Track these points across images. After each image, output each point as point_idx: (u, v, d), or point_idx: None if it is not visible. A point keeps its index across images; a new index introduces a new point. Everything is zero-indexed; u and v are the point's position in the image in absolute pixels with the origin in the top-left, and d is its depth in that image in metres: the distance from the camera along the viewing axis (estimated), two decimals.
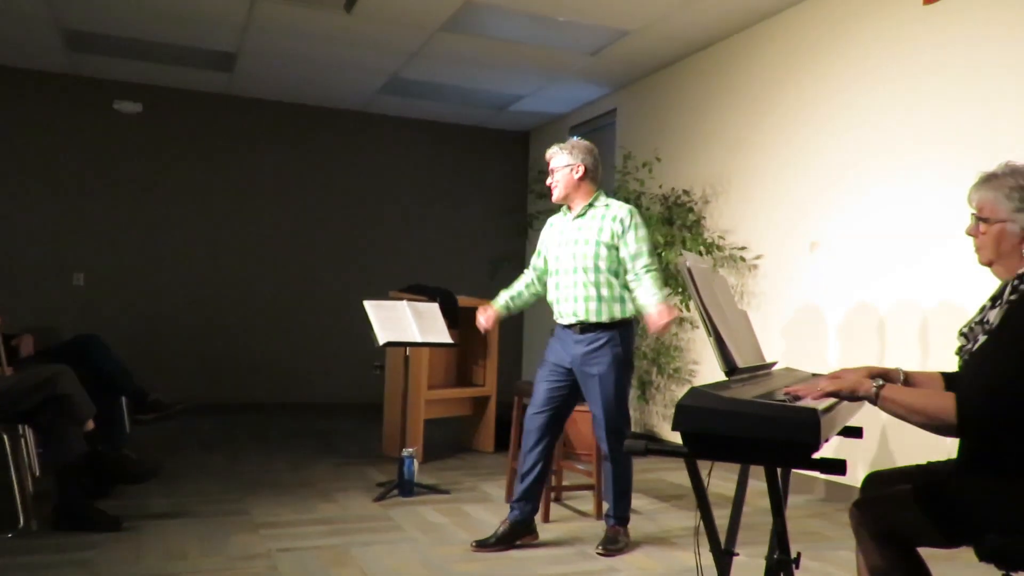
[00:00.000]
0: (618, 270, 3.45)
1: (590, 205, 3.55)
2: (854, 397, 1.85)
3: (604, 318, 3.42)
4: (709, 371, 5.69)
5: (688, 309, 5.73)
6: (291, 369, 7.80)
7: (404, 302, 4.66)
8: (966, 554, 1.81)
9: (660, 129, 6.47)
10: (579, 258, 3.45)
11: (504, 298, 3.83)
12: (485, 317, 3.77)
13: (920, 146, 4.25)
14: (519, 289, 3.83)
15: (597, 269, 3.42)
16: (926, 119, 4.23)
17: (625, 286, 3.45)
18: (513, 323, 8.61)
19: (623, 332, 3.46)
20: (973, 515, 1.73)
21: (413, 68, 6.68)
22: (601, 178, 3.64)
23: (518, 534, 3.45)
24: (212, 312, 7.58)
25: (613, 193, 6.26)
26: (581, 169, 3.50)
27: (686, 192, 5.93)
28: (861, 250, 4.60)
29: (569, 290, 3.48)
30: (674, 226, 5.69)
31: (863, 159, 4.61)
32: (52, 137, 7.14)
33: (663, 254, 5.48)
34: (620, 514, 3.53)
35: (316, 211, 7.96)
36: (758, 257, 5.36)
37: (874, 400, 1.80)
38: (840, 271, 4.73)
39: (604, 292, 3.42)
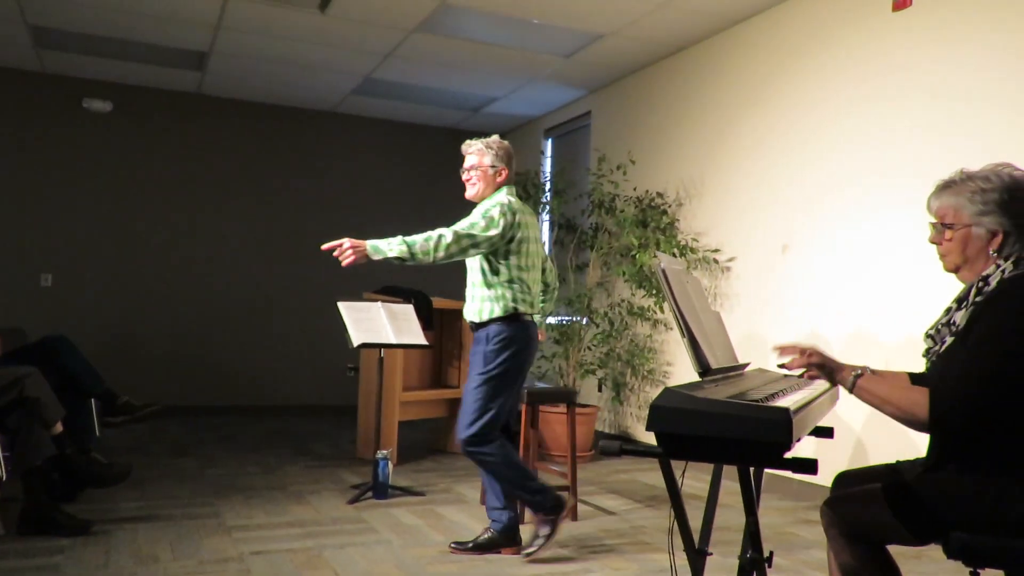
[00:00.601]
0: (485, 268, 3.31)
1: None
2: (832, 379, 1.93)
3: (475, 318, 3.36)
4: (683, 372, 5.73)
5: (663, 310, 5.77)
6: (264, 371, 7.73)
7: (379, 303, 4.65)
8: (934, 552, 1.85)
9: (634, 132, 6.51)
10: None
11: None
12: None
13: (890, 148, 4.32)
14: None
15: (470, 268, 3.38)
16: (896, 121, 4.29)
17: (500, 283, 3.28)
18: None
19: (497, 331, 3.29)
20: (940, 513, 1.76)
21: (387, 69, 6.66)
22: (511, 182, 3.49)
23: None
24: (183, 314, 7.50)
25: (588, 195, 6.29)
26: (504, 174, 3.41)
27: (660, 194, 5.97)
28: (832, 252, 4.65)
29: (468, 290, 3.43)
30: (648, 228, 5.72)
31: (833, 161, 4.67)
32: (20, 135, 7.03)
33: (637, 256, 5.52)
34: (533, 508, 3.34)
35: (288, 212, 7.91)
36: (731, 259, 5.41)
37: (850, 388, 1.86)
38: (811, 273, 4.79)
39: (477, 292, 3.34)
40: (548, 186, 6.50)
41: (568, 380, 6.10)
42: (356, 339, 4.35)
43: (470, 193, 3.43)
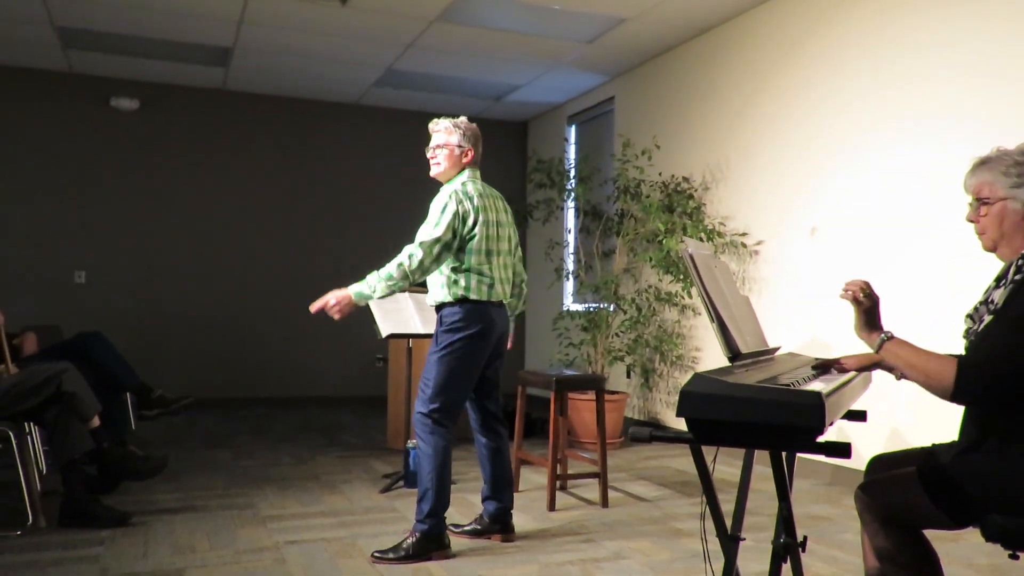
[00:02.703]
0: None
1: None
2: (864, 329, 1.99)
3: (430, 301, 3.32)
4: (712, 358, 5.70)
5: (691, 295, 5.74)
6: (294, 363, 7.81)
7: (406, 294, 4.66)
8: (972, 535, 1.82)
9: (658, 116, 6.46)
10: None
11: None
12: None
13: (920, 127, 4.25)
14: None
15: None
16: (923, 98, 4.22)
17: (456, 269, 3.22)
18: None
19: (448, 315, 3.23)
20: (977, 495, 1.73)
21: (408, 60, 6.66)
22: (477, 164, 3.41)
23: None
24: (214, 307, 7.59)
25: (613, 181, 6.26)
26: (470, 154, 3.33)
27: (686, 179, 5.92)
28: (861, 234, 4.59)
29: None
30: (674, 213, 5.69)
31: (862, 142, 4.60)
32: (50, 135, 7.13)
33: (664, 241, 5.48)
34: (417, 516, 3.18)
35: (314, 204, 7.96)
36: (759, 243, 5.36)
37: (877, 348, 1.84)
38: (840, 255, 4.73)
39: (434, 277, 3.27)
40: (572, 173, 6.48)
41: (597, 367, 6.09)
42: (384, 330, 4.37)
43: (434, 172, 3.35)
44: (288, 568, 3.01)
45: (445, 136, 3.34)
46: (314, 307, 3.25)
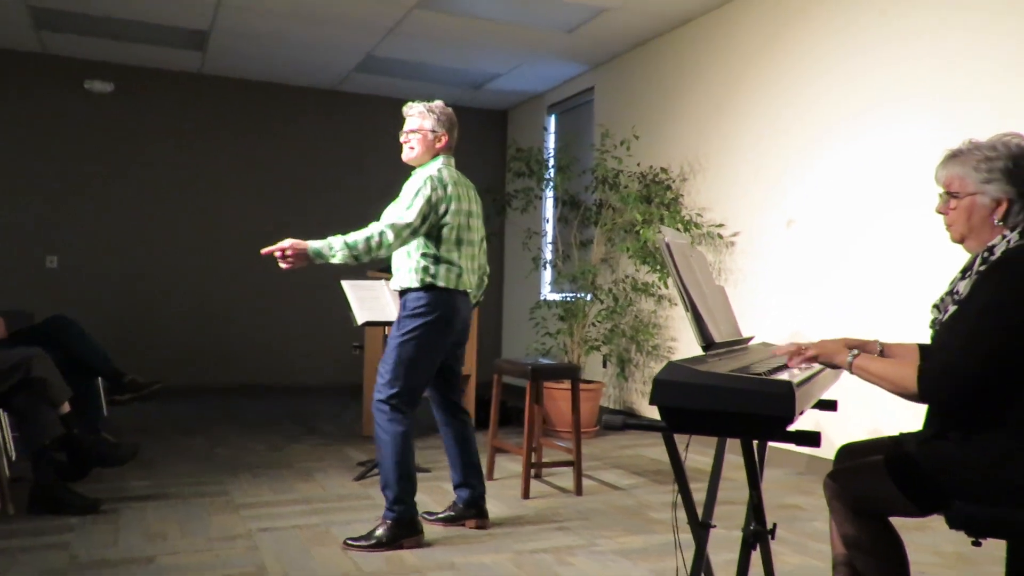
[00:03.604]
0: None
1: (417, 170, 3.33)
2: (831, 364, 1.94)
3: (395, 286, 3.29)
4: (687, 347, 5.74)
5: (667, 286, 5.77)
6: (270, 351, 7.77)
7: (382, 281, 4.65)
8: (938, 523, 1.85)
9: (638, 107, 6.47)
10: None
11: None
12: None
13: (897, 120, 4.29)
14: None
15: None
16: (903, 90, 4.25)
17: (425, 255, 3.18)
18: (493, 301, 8.62)
19: (413, 300, 3.20)
20: (942, 483, 1.76)
21: (388, 46, 6.61)
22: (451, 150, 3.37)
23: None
24: (189, 293, 7.52)
25: (592, 171, 6.26)
26: (444, 140, 3.29)
27: (664, 170, 5.94)
28: (836, 226, 4.63)
29: (394, 257, 3.32)
30: (652, 204, 5.70)
31: (838, 135, 4.63)
32: (22, 117, 7.02)
33: (641, 232, 5.50)
34: (386, 504, 3.17)
35: (292, 190, 7.90)
36: (735, 234, 5.39)
37: (849, 368, 1.88)
38: (816, 247, 4.77)
39: (401, 263, 3.24)
40: (551, 162, 6.47)
41: (573, 356, 6.11)
42: (360, 317, 4.35)
43: (406, 156, 3.31)
44: (260, 555, 3.00)
45: (419, 120, 3.30)
46: (265, 250, 3.12)
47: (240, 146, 7.73)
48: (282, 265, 3.10)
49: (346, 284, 4.46)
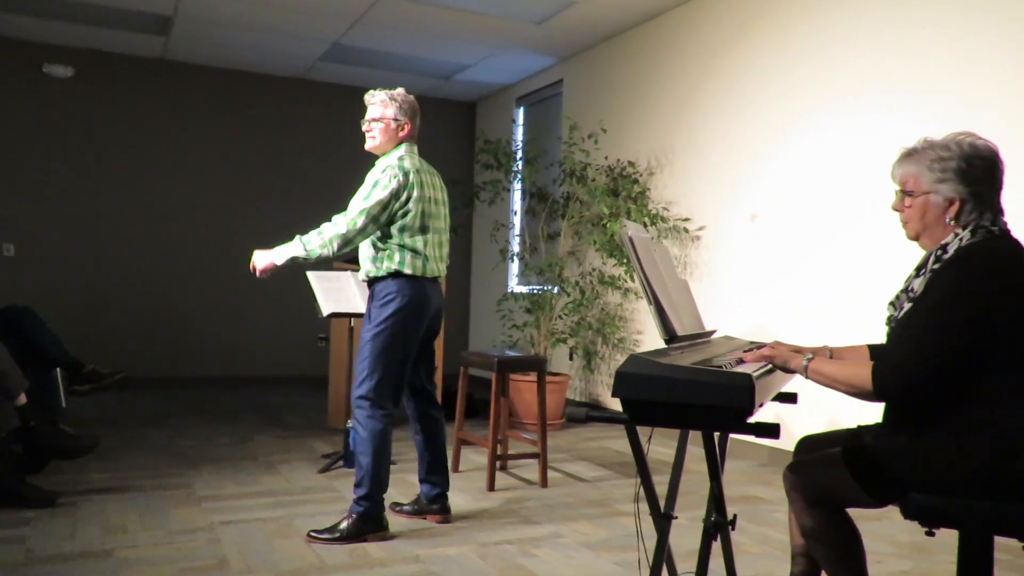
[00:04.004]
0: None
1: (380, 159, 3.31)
2: (786, 368, 1.97)
3: (363, 276, 3.28)
4: (653, 340, 5.78)
5: (633, 279, 5.80)
6: (234, 342, 7.68)
7: (348, 272, 4.62)
8: (895, 514, 1.89)
9: (606, 100, 6.48)
10: None
11: None
12: None
13: (859, 117, 4.35)
14: None
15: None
16: (864, 89, 4.31)
17: (389, 243, 3.17)
18: (461, 293, 8.61)
19: (381, 289, 3.19)
20: (897, 475, 1.80)
21: (356, 35, 6.55)
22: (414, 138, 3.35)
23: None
24: (150, 283, 7.40)
25: (560, 164, 6.27)
26: (406, 128, 3.27)
27: (631, 163, 5.97)
28: (800, 221, 4.69)
29: (360, 247, 3.29)
30: (619, 197, 5.73)
31: (803, 131, 4.69)
32: None
33: (608, 225, 5.53)
34: (355, 498, 3.16)
35: (257, 180, 7.81)
36: (701, 228, 5.44)
37: (804, 373, 1.91)
38: (779, 242, 4.83)
39: (367, 251, 3.23)
40: (519, 154, 6.47)
41: (539, 349, 6.12)
42: (326, 309, 4.32)
43: (369, 145, 3.29)
44: (222, 548, 2.97)
45: (381, 109, 3.27)
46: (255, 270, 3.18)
47: (204, 134, 7.61)
48: (259, 275, 3.19)
49: (311, 275, 4.42)
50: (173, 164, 7.50)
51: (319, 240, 3.08)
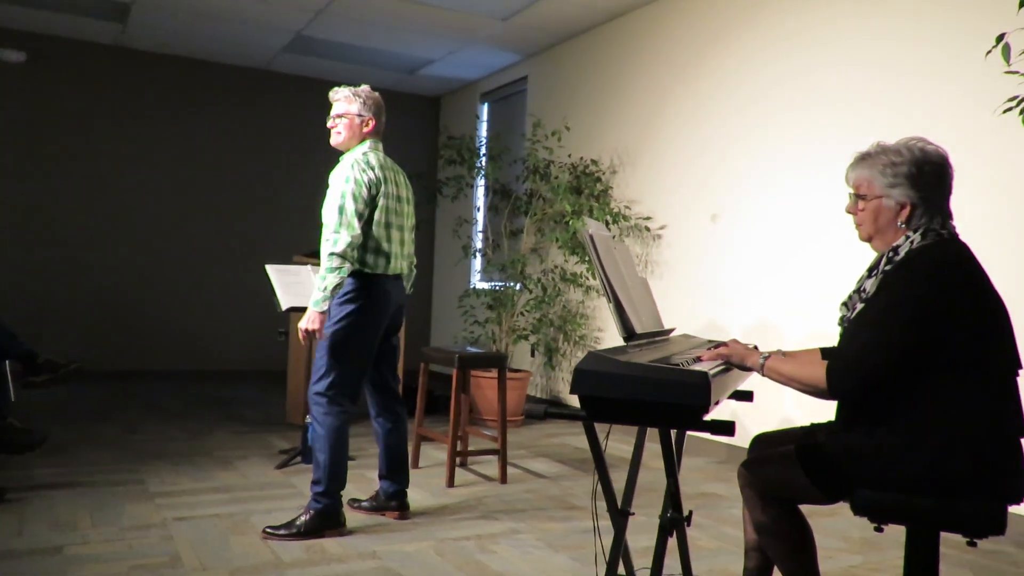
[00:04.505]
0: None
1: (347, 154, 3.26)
2: (743, 366, 2.00)
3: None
4: (614, 337, 5.82)
5: (595, 277, 5.83)
6: (191, 335, 7.56)
7: (308, 267, 4.56)
8: (845, 510, 1.93)
9: (570, 98, 6.50)
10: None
11: None
12: None
13: (817, 121, 4.42)
14: None
15: (324, 224, 3.15)
16: (824, 92, 4.38)
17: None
18: (422, 289, 8.58)
19: (345, 288, 3.15)
20: (848, 472, 1.83)
21: (319, 27, 6.48)
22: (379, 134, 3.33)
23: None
24: (104, 275, 7.25)
25: (523, 161, 6.27)
26: (371, 124, 3.25)
27: (594, 162, 5.99)
28: (759, 221, 4.76)
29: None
30: (582, 195, 5.75)
31: (764, 133, 4.75)
32: None
33: (570, 223, 5.55)
34: (312, 494, 3.14)
35: (215, 171, 7.69)
36: (662, 227, 5.49)
37: (760, 371, 1.94)
38: (739, 241, 4.89)
39: (327, 248, 3.13)
40: (483, 151, 6.46)
41: (501, 345, 6.13)
42: (285, 303, 4.27)
43: (334, 141, 3.27)
44: (175, 544, 2.93)
45: (345, 105, 3.25)
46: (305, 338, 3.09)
47: (160, 123, 7.48)
48: (319, 336, 3.09)
49: (271, 268, 4.37)
50: (129, 154, 7.35)
51: (335, 262, 3.01)
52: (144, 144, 7.41)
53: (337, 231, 3.04)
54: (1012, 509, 1.82)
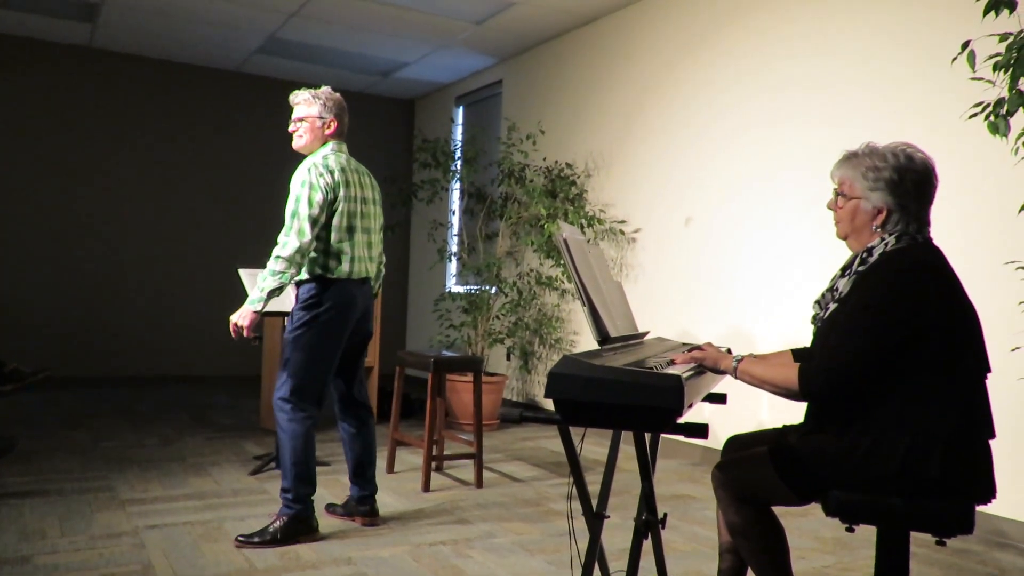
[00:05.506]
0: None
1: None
2: (716, 369, 2.02)
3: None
4: (588, 341, 5.83)
5: (568, 280, 5.84)
6: (163, 340, 7.47)
7: None
8: (817, 511, 1.95)
9: (545, 102, 6.52)
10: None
11: None
12: None
13: (789, 129, 4.46)
14: None
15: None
16: (799, 97, 4.43)
17: (313, 246, 3.08)
18: (398, 293, 8.55)
19: (304, 292, 3.15)
20: (819, 473, 1.85)
21: (293, 29, 6.45)
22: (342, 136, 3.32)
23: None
24: (73, 280, 7.15)
25: (498, 164, 6.28)
26: (333, 126, 3.24)
27: (569, 165, 6.01)
28: (732, 225, 4.80)
29: None
30: (557, 199, 5.77)
31: (737, 139, 4.79)
32: None
33: (545, 226, 5.56)
34: (283, 501, 3.12)
35: (187, 174, 7.62)
36: (637, 231, 5.51)
37: (733, 373, 1.96)
38: (712, 245, 4.93)
39: None
40: (458, 154, 6.46)
41: (477, 349, 6.12)
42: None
43: (296, 145, 3.26)
44: (147, 553, 2.89)
45: (306, 108, 3.23)
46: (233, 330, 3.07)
47: (130, 126, 7.39)
48: (247, 334, 3.06)
49: (243, 272, 4.33)
50: (98, 157, 7.26)
51: (279, 266, 3.00)
52: (114, 147, 7.32)
53: (287, 235, 3.02)
54: (980, 508, 1.84)
